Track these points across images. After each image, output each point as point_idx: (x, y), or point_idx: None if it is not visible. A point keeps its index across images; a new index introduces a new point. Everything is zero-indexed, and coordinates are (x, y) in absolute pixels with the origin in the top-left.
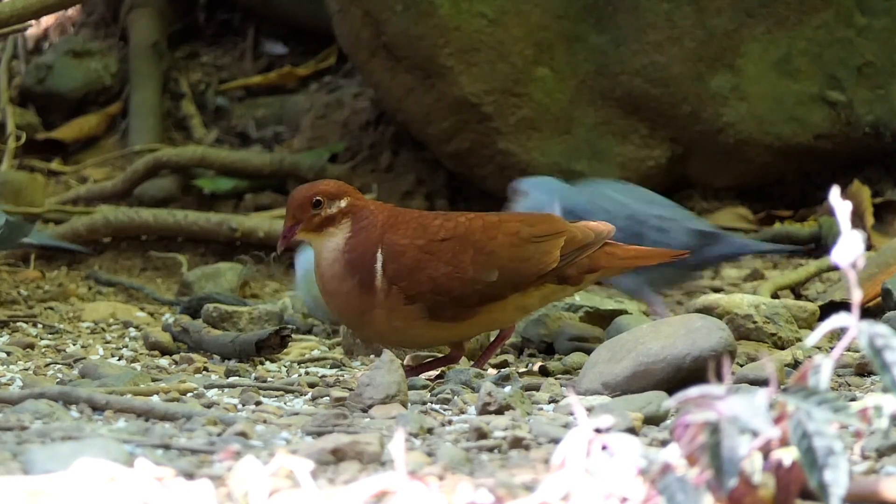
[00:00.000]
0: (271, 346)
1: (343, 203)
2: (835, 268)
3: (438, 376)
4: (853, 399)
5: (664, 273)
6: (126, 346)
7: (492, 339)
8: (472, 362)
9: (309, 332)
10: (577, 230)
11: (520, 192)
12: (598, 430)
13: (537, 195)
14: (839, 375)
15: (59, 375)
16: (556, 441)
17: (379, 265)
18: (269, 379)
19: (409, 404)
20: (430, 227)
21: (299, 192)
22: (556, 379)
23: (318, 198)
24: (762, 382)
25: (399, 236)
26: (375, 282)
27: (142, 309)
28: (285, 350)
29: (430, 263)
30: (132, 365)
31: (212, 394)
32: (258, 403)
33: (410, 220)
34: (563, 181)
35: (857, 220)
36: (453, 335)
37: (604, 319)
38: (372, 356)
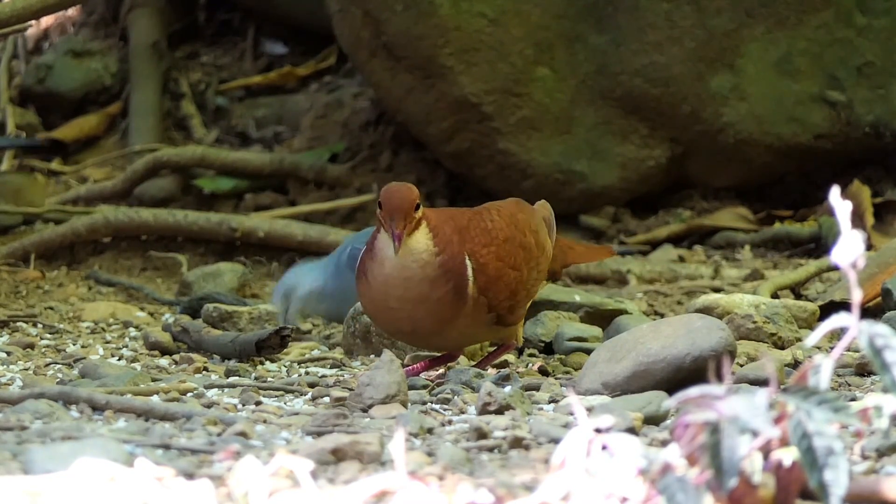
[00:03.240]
0: (271, 346)
1: (421, 210)
2: (835, 268)
3: (439, 376)
4: (853, 399)
5: None
6: (126, 346)
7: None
8: (472, 362)
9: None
10: (541, 210)
11: (288, 290)
12: (598, 430)
13: (306, 281)
14: (839, 375)
15: (59, 375)
16: (556, 441)
17: (469, 272)
18: (269, 379)
19: (409, 404)
20: (489, 229)
21: (404, 194)
22: (556, 379)
23: (417, 202)
24: (762, 382)
25: (477, 245)
26: (468, 290)
27: (142, 309)
28: (285, 350)
29: (505, 270)
30: (132, 365)
31: (212, 394)
32: (258, 403)
33: (467, 223)
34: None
35: (857, 220)
36: (499, 336)
37: (604, 319)
38: (372, 356)
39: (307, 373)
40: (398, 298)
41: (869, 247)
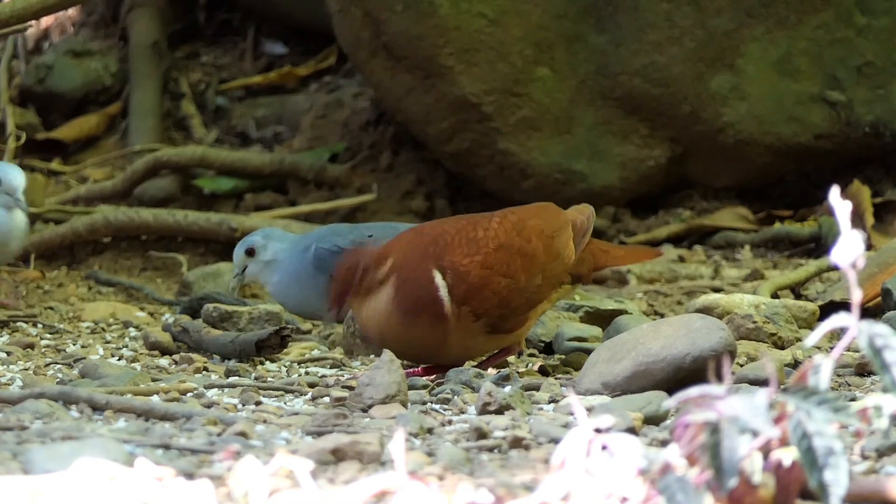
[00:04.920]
0: (271, 346)
1: (388, 264)
2: (835, 268)
3: (439, 376)
4: (853, 399)
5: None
6: (126, 346)
7: None
8: (472, 363)
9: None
10: (575, 215)
11: (257, 246)
12: (598, 430)
13: (275, 245)
14: (839, 375)
15: (59, 375)
16: (556, 441)
17: (444, 293)
18: (269, 379)
19: (409, 404)
20: (478, 239)
21: (347, 262)
22: (556, 379)
23: (365, 267)
24: (762, 382)
25: (458, 256)
26: (445, 310)
27: (142, 309)
28: (285, 350)
29: (492, 278)
30: (132, 365)
31: (212, 394)
32: (258, 403)
33: (455, 235)
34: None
35: (857, 220)
36: (503, 344)
37: (604, 319)
38: (372, 356)
39: (307, 373)
40: (381, 341)
41: (869, 247)
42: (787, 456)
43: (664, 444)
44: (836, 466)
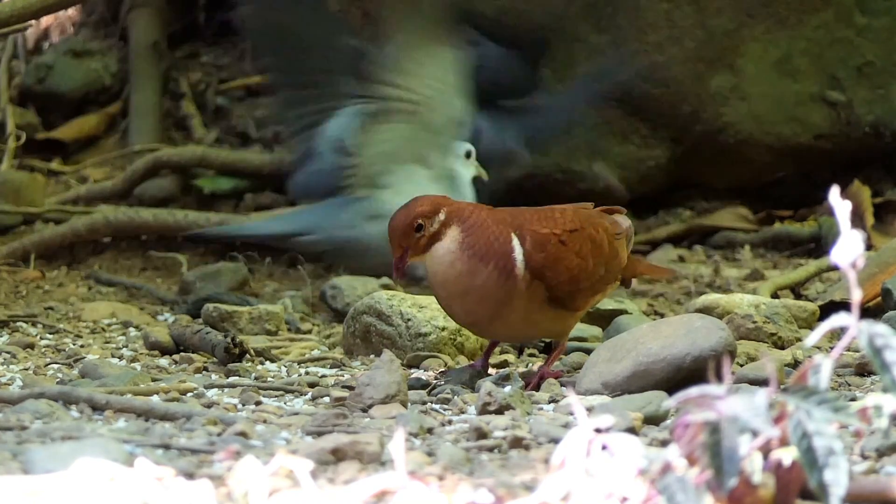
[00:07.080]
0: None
1: (442, 216)
2: (835, 268)
3: (439, 375)
4: (853, 399)
5: None
6: (126, 346)
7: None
8: (471, 362)
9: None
10: (622, 220)
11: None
12: (598, 430)
13: None
14: (839, 375)
15: (59, 375)
16: (556, 441)
17: (518, 253)
18: (269, 379)
19: (409, 404)
20: (555, 218)
21: (399, 222)
22: (555, 379)
23: (418, 222)
24: (762, 382)
25: (536, 225)
26: (516, 269)
27: (142, 309)
28: (285, 350)
29: (567, 254)
30: (132, 365)
31: (212, 394)
32: (258, 403)
33: (533, 214)
34: None
35: (857, 220)
36: (562, 327)
37: (604, 319)
38: (372, 356)
39: (307, 373)
40: (445, 297)
41: (869, 247)
42: (787, 456)
43: (664, 444)
44: (836, 466)
